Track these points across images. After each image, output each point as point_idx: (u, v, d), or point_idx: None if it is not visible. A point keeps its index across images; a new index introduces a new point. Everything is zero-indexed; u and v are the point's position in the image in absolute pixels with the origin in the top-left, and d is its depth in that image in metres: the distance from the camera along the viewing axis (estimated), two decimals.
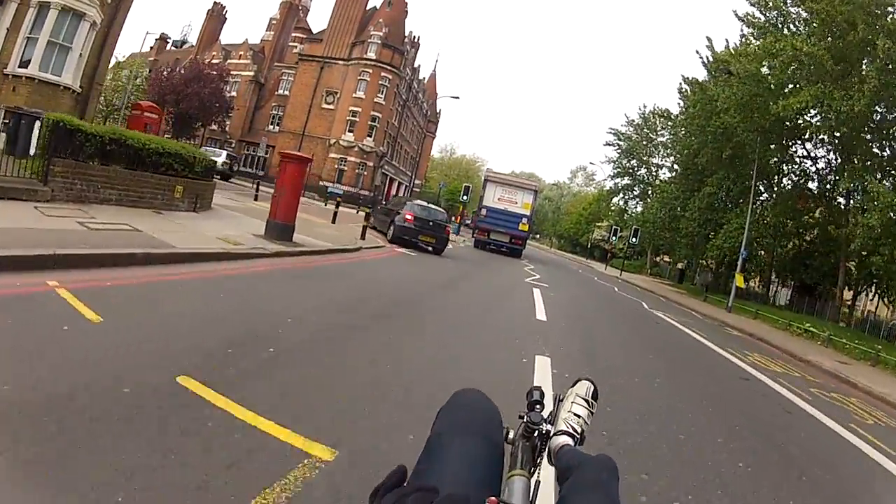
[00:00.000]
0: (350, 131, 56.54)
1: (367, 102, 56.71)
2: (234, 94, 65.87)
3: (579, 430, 1.68)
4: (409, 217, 22.00)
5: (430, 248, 22.59)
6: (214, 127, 61.20)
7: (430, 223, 22.44)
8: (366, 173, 56.54)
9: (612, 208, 72.76)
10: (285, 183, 13.82)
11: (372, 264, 14.90)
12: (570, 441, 1.62)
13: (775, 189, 38.04)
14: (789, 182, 37.73)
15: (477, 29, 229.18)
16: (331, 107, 58.55)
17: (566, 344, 9.34)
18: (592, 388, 1.83)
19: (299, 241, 13.86)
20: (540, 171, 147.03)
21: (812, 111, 29.30)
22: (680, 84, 45.99)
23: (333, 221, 23.09)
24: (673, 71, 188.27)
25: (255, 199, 26.65)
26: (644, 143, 63.40)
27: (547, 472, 1.60)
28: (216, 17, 77.42)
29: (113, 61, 66.09)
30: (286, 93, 64.62)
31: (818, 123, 28.35)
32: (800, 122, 31.41)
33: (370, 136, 56.78)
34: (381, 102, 57.23)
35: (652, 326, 15.59)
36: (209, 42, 74.93)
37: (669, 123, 51.55)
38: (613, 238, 53.10)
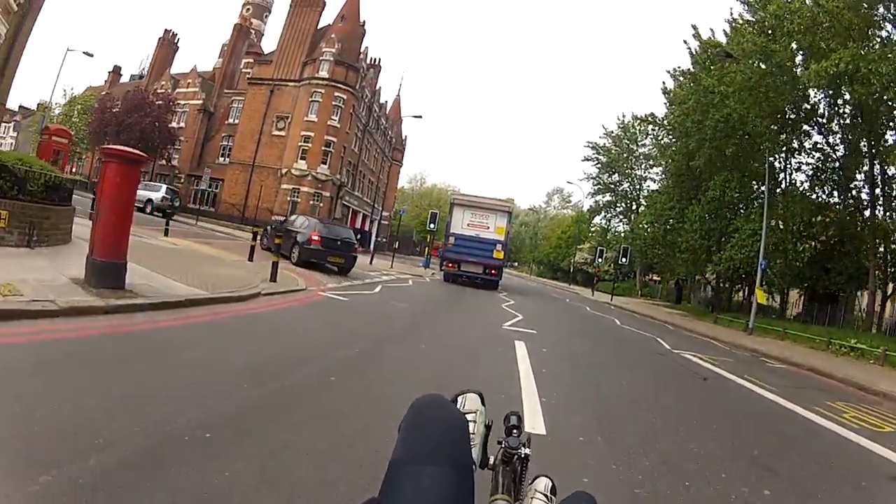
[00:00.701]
0: (302, 158, 51.18)
1: (320, 126, 51.52)
2: (182, 125, 61.94)
3: None
4: (315, 238, 20.66)
5: (336, 269, 21.11)
6: (164, 161, 57.86)
7: (338, 242, 21.23)
8: (322, 205, 50.90)
9: (594, 229, 69.92)
10: (105, 195, 8.35)
11: (264, 321, 9.52)
12: None
13: (787, 185, 33.45)
14: (804, 176, 33.28)
15: (443, 53, 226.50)
16: (282, 133, 53.34)
17: None
18: (551, 483, 1.70)
19: (142, 288, 8.65)
20: (515, 196, 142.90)
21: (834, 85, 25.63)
22: (664, 84, 41.65)
23: (250, 258, 17.80)
24: (647, 82, 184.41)
25: (166, 233, 21.43)
26: (625, 155, 59.36)
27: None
28: (167, 46, 72.59)
29: (68, 95, 66.17)
30: (236, 121, 59.25)
31: (856, 89, 23.61)
32: (819, 99, 28.02)
33: (325, 164, 51.51)
34: (336, 125, 52.07)
35: (700, 387, 10.14)
36: (160, 71, 70.10)
37: (654, 129, 46.97)
38: (599, 260, 48.06)
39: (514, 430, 1.76)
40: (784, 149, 30.99)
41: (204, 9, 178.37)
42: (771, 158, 28.35)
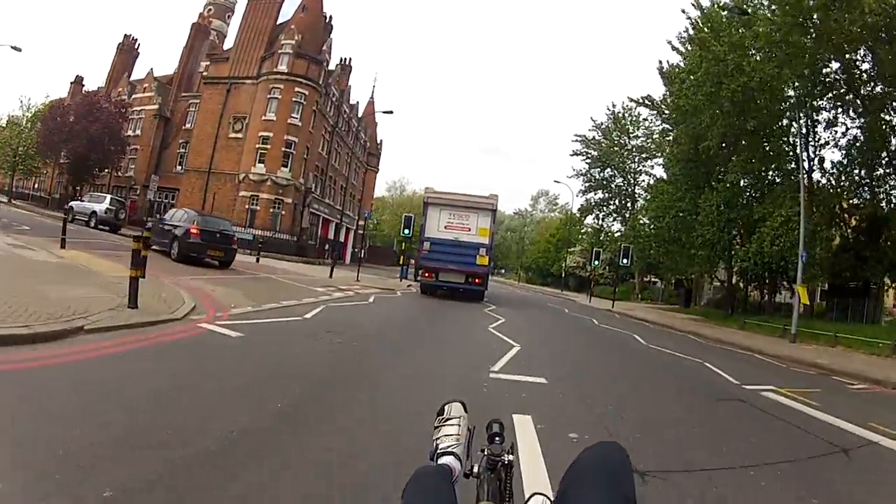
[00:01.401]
0: (260, 162, 45.98)
1: (279, 125, 46.32)
2: (138, 132, 57.47)
3: None
4: (193, 231, 20.21)
5: (217, 263, 20.99)
6: (117, 172, 54.99)
7: (217, 235, 21.16)
8: (284, 213, 45.80)
9: (584, 230, 66.78)
10: None
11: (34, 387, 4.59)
12: None
13: (819, 162, 29.15)
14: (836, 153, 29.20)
15: (420, 53, 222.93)
16: (239, 135, 48.16)
17: None
18: (549, 502, 1.59)
19: None
20: (500, 201, 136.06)
21: None
22: (661, 64, 37.22)
23: (139, 273, 12.83)
24: (634, 77, 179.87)
25: (63, 245, 17.07)
26: (616, 148, 55.16)
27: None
28: (127, 52, 67.16)
29: (24, 106, 59.25)
30: (194, 126, 54.17)
31: None
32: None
33: (286, 167, 46.23)
34: (297, 124, 46.87)
35: (864, 482, 5.27)
36: (119, 78, 64.91)
37: (649, 117, 42.67)
38: (595, 262, 43.06)
39: (497, 438, 1.76)
40: (816, 117, 26.99)
41: (170, 14, 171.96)
42: (804, 130, 23.75)
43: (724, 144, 29.17)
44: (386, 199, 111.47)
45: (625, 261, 37.06)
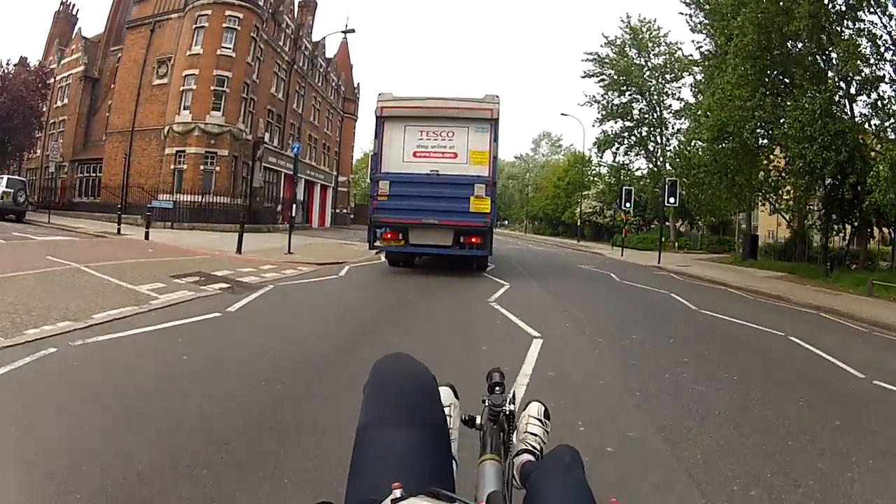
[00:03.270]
0: (186, 108, 35.81)
1: (205, 58, 36.06)
2: (65, 101, 47.99)
3: (538, 448, 1.71)
4: None
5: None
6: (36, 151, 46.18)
7: None
8: (219, 168, 35.51)
9: (598, 169, 59.46)
10: None
11: None
12: (532, 458, 1.65)
13: None
14: None
15: None
16: (164, 81, 37.61)
17: None
18: (544, 408, 1.84)
19: None
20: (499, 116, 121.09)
21: None
22: None
23: None
24: None
25: None
26: (635, 68, 46.23)
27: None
28: (64, 20, 56.46)
29: None
30: None
31: None
32: None
33: (217, 110, 35.80)
34: (230, 54, 36.33)
35: None
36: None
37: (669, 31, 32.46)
38: (626, 205, 33.35)
39: (497, 388, 1.64)
40: None
41: None
42: None
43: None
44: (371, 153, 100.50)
45: (671, 200, 27.27)
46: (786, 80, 24.50)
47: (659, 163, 46.74)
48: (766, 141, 25.31)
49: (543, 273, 18.35)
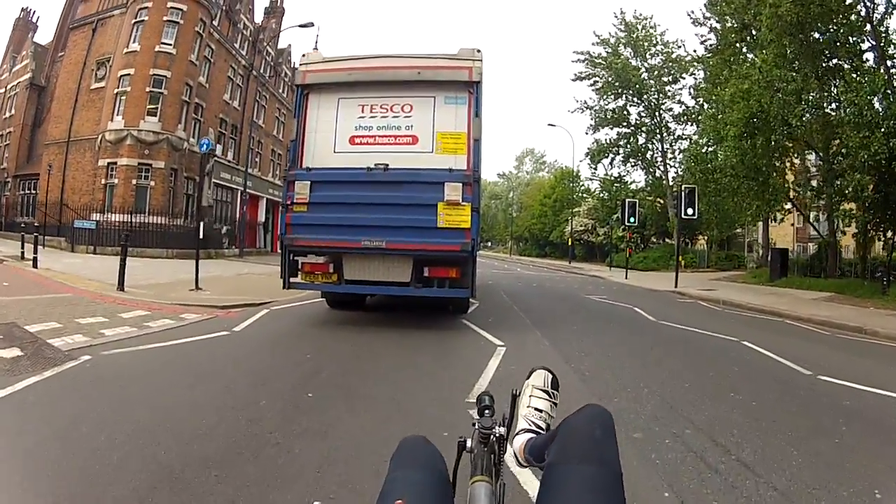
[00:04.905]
0: (119, 113, 30.71)
1: (142, 56, 30.96)
2: (12, 111, 43.23)
3: (544, 427, 1.65)
4: None
5: None
6: None
7: None
8: (153, 183, 30.21)
9: (587, 184, 57.25)
10: None
11: None
12: (533, 437, 1.60)
13: None
14: None
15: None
16: (101, 84, 32.80)
17: None
18: (551, 376, 1.77)
19: None
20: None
21: None
22: None
23: None
24: None
25: None
26: (632, 69, 42.42)
27: (513, 477, 1.36)
28: (23, 27, 51.81)
29: None
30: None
31: None
32: None
33: (154, 115, 30.66)
34: (170, 51, 31.28)
35: None
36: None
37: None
38: (631, 220, 29.25)
39: (487, 411, 1.62)
40: None
41: None
42: None
43: None
44: None
45: (689, 211, 22.59)
46: (828, 60, 20.82)
47: (660, 172, 43.11)
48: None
49: (548, 313, 13.25)
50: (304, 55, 10.39)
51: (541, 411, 1.68)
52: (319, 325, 10.22)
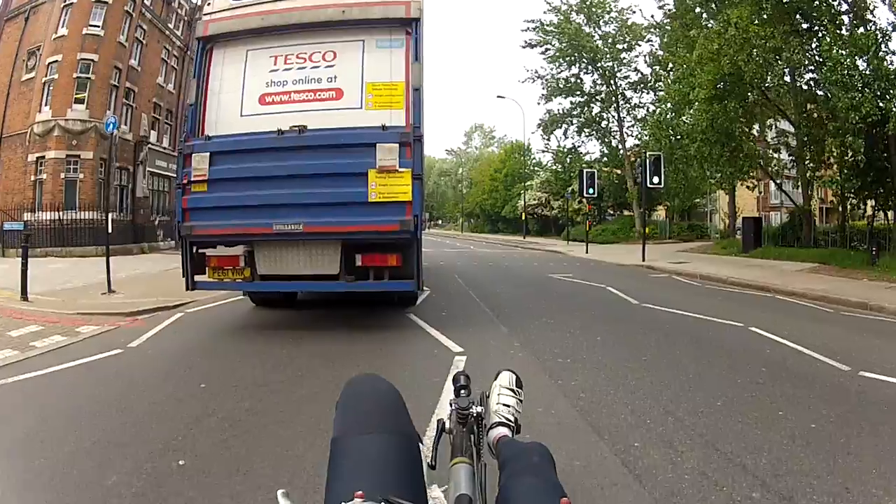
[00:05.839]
0: (47, 104, 28.42)
1: (70, 40, 28.60)
2: None
3: (513, 420, 1.67)
4: None
5: None
6: None
7: None
8: (82, 176, 27.85)
9: (538, 157, 58.74)
10: None
11: None
12: (506, 431, 1.60)
13: None
14: None
15: None
16: (32, 75, 30.27)
17: None
18: (514, 377, 1.76)
19: None
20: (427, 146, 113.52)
21: None
22: None
23: None
24: None
25: None
26: (583, 35, 40.68)
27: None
28: None
29: None
30: None
31: None
32: None
33: (80, 103, 28.26)
34: (97, 33, 28.79)
35: None
36: None
37: None
38: (590, 191, 27.27)
39: (463, 390, 1.61)
40: None
41: None
42: None
43: None
44: None
45: (655, 179, 21.41)
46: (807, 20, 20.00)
47: (615, 141, 42.10)
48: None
49: (512, 301, 11.38)
50: (208, 3, 8.45)
51: (509, 406, 1.64)
52: (234, 333, 8.41)
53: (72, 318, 9.28)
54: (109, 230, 13.76)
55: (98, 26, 28.85)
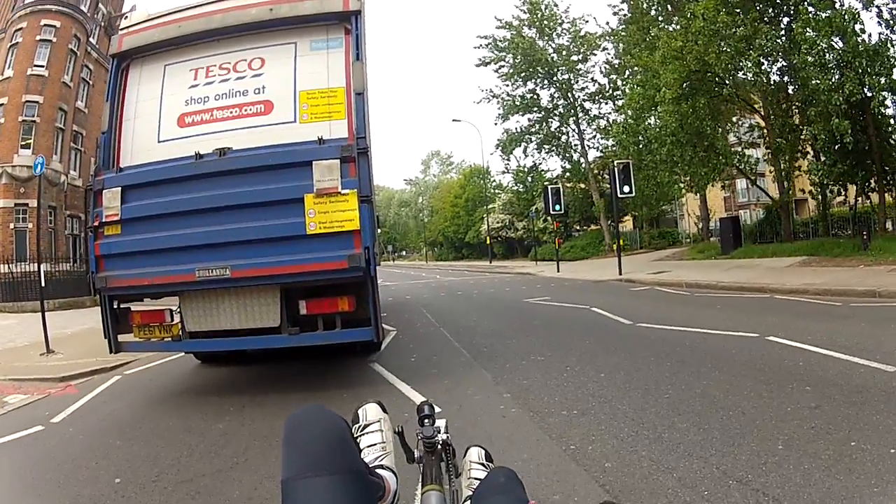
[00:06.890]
0: None
1: (15, 82, 27.75)
2: None
3: None
4: None
5: None
6: None
7: None
8: (31, 226, 26.14)
9: (497, 179, 58.32)
10: None
11: None
12: None
13: None
14: None
15: None
16: None
17: None
18: (484, 451, 1.78)
19: None
20: (383, 179, 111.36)
21: None
22: None
23: None
24: None
25: None
26: (537, 49, 40.18)
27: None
28: None
29: None
30: None
31: None
32: None
33: (27, 148, 27.03)
34: (42, 73, 27.90)
35: None
36: None
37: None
38: (556, 207, 25.97)
39: (427, 420, 1.62)
40: None
41: None
42: None
43: None
44: None
45: (626, 189, 20.60)
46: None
47: (577, 155, 41.53)
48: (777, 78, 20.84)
49: (491, 337, 9.67)
50: (125, 16, 7.31)
51: (480, 480, 1.60)
52: (167, 403, 6.99)
53: (1, 386, 8.32)
54: (42, 283, 12.52)
55: (42, 66, 28.08)
